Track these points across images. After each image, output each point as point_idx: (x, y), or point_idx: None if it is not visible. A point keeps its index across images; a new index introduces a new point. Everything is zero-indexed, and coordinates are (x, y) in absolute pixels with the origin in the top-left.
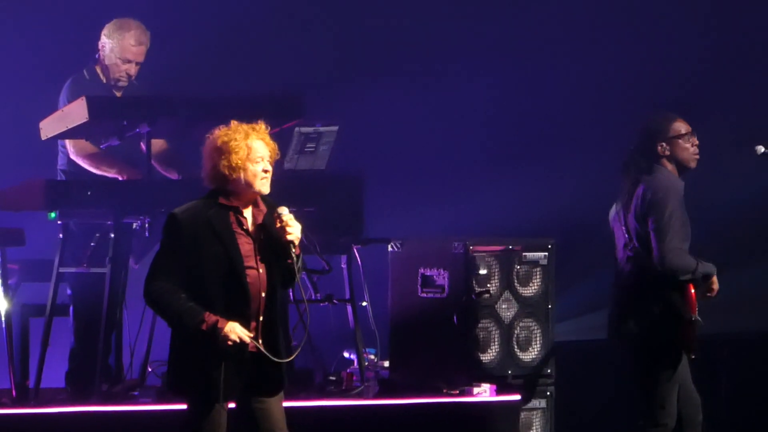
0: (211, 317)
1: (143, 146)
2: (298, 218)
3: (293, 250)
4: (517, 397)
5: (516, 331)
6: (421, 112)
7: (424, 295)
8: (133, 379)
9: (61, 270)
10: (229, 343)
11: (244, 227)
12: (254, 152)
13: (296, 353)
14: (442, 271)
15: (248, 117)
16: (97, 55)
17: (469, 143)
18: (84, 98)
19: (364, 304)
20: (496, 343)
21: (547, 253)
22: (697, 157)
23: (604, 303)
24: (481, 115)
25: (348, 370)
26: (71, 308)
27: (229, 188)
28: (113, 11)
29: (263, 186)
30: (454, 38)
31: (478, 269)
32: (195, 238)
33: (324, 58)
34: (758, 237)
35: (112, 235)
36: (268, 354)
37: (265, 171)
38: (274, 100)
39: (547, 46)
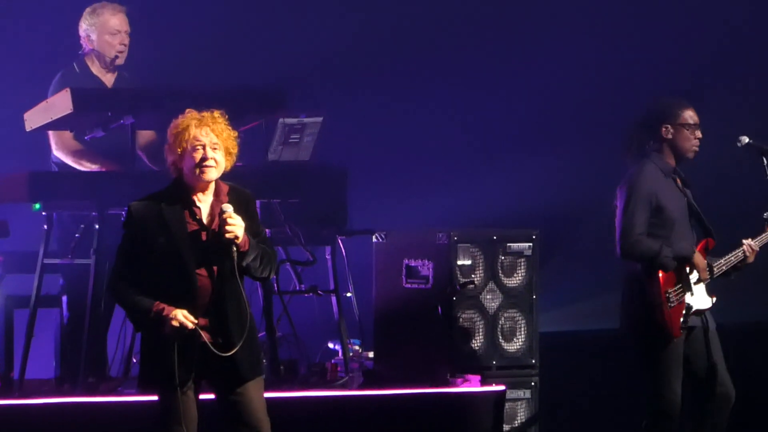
0: (159, 306)
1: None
2: (282, 210)
3: (233, 248)
4: (501, 387)
5: (500, 322)
6: (406, 104)
7: (409, 285)
8: (117, 378)
9: (46, 261)
10: (173, 324)
11: (198, 217)
12: (193, 140)
13: (236, 349)
14: (426, 261)
15: (232, 108)
16: (81, 51)
17: (453, 134)
18: (68, 89)
19: (349, 295)
20: (480, 333)
21: (531, 244)
22: (697, 149)
23: (588, 293)
24: (465, 107)
25: (332, 361)
26: (64, 298)
27: (183, 178)
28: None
29: (204, 173)
30: (438, 30)
31: (463, 260)
32: (145, 230)
33: (309, 49)
34: (745, 228)
35: (97, 227)
36: (207, 342)
37: (205, 158)
38: (257, 92)
39: (534, 37)
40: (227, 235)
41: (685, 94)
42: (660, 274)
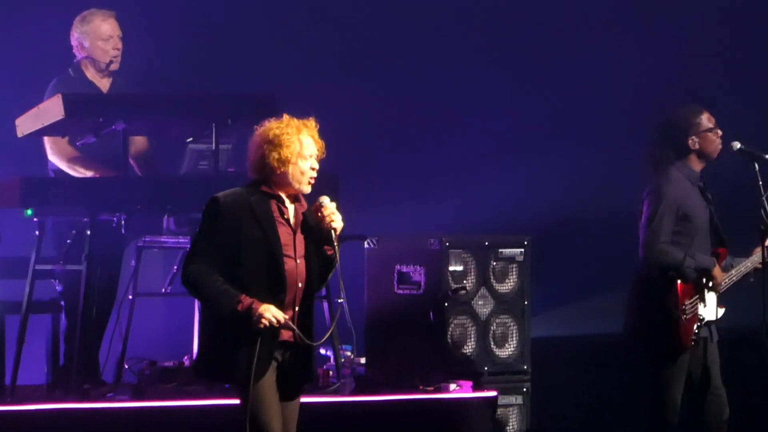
0: (246, 299)
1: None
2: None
3: (334, 238)
4: (493, 393)
5: (492, 328)
6: (397, 110)
7: (401, 291)
8: (109, 385)
9: (38, 267)
10: (264, 321)
11: (285, 216)
12: (305, 148)
13: (326, 337)
14: (418, 267)
15: (223, 114)
16: (76, 60)
17: (445, 140)
18: (60, 95)
19: (341, 300)
20: (472, 339)
21: (523, 250)
22: (720, 148)
23: (580, 298)
24: (457, 113)
25: (324, 367)
26: (62, 303)
27: (273, 180)
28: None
29: (306, 186)
30: (431, 36)
31: (455, 266)
32: (236, 222)
33: (300, 54)
34: (741, 233)
35: (89, 232)
36: (301, 336)
37: (313, 169)
38: (248, 98)
39: (529, 44)
40: (333, 224)
41: (679, 98)
42: (679, 285)
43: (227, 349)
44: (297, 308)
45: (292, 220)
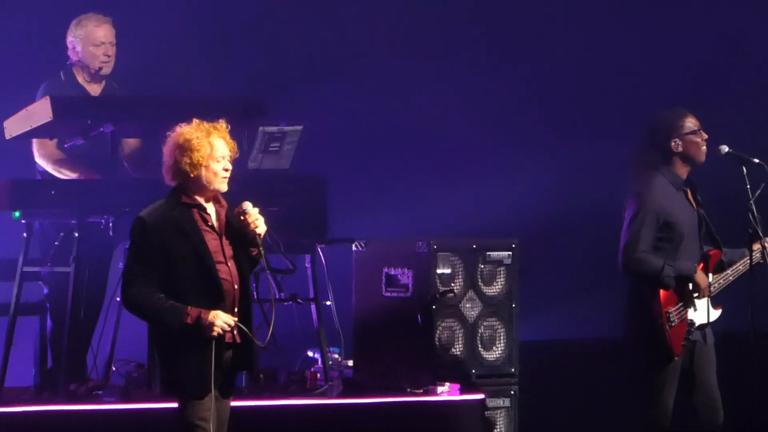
0: (194, 310)
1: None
2: (262, 216)
3: (260, 242)
4: (480, 396)
5: (480, 331)
6: (386, 112)
7: (389, 294)
8: (97, 380)
9: (25, 269)
10: (216, 329)
11: (209, 224)
12: (216, 151)
13: (268, 338)
14: (406, 270)
15: (212, 117)
16: (69, 62)
17: (433, 143)
18: (48, 97)
19: (329, 303)
20: (460, 342)
21: (511, 253)
22: (705, 150)
23: (568, 301)
24: (445, 116)
25: (312, 370)
26: (47, 305)
27: (189, 185)
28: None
29: (222, 184)
30: (420, 38)
31: (443, 269)
32: (163, 239)
33: (289, 57)
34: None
35: (77, 235)
36: (251, 335)
37: (226, 170)
38: (237, 101)
39: (519, 48)
40: (258, 230)
41: (670, 101)
42: (661, 293)
43: (183, 364)
44: (236, 309)
45: (215, 225)
